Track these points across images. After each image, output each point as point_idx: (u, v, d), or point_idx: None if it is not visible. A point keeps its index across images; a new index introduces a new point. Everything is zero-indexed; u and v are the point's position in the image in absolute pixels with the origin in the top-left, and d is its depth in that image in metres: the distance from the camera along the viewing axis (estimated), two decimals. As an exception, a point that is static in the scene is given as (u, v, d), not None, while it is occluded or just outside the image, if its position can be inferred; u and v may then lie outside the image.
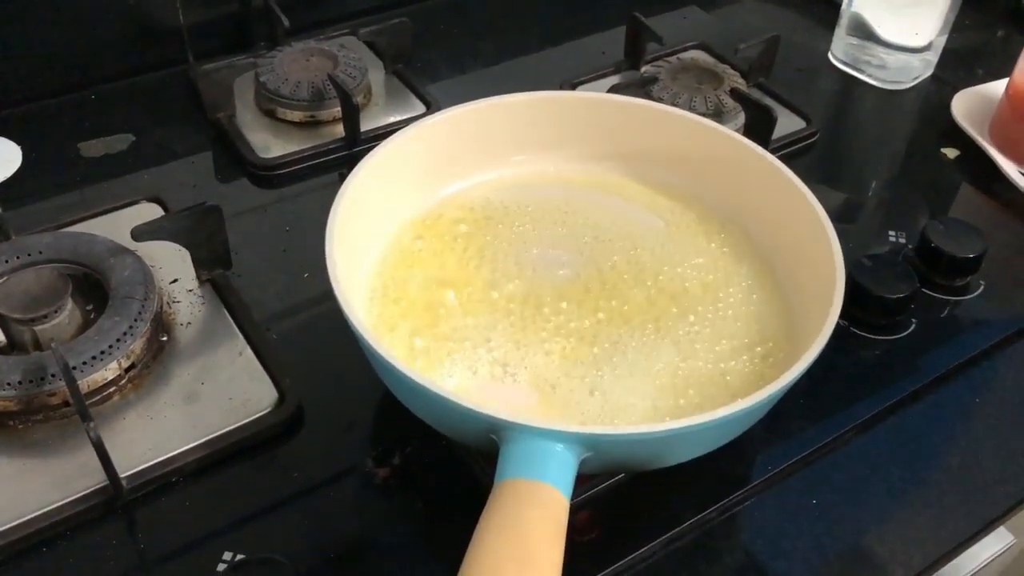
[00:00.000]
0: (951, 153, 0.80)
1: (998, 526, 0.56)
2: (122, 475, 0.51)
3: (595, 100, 0.65)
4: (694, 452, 0.48)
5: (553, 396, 0.52)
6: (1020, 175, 0.75)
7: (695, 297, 0.57)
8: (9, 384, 0.53)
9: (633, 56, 0.86)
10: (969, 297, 0.66)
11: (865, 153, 0.81)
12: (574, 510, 0.42)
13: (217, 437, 0.53)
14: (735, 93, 0.77)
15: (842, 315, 0.50)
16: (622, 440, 0.43)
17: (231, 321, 0.60)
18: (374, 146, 0.58)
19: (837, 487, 0.54)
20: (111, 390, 0.55)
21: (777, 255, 0.59)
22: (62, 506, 0.50)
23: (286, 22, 0.82)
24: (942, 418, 0.59)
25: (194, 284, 0.62)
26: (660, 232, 0.62)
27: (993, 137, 0.79)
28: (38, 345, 0.56)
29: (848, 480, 0.55)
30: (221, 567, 0.48)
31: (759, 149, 0.60)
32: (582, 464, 0.43)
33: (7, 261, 0.59)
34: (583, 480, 0.44)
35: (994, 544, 0.64)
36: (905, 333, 0.63)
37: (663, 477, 0.50)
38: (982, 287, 0.66)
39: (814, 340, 0.47)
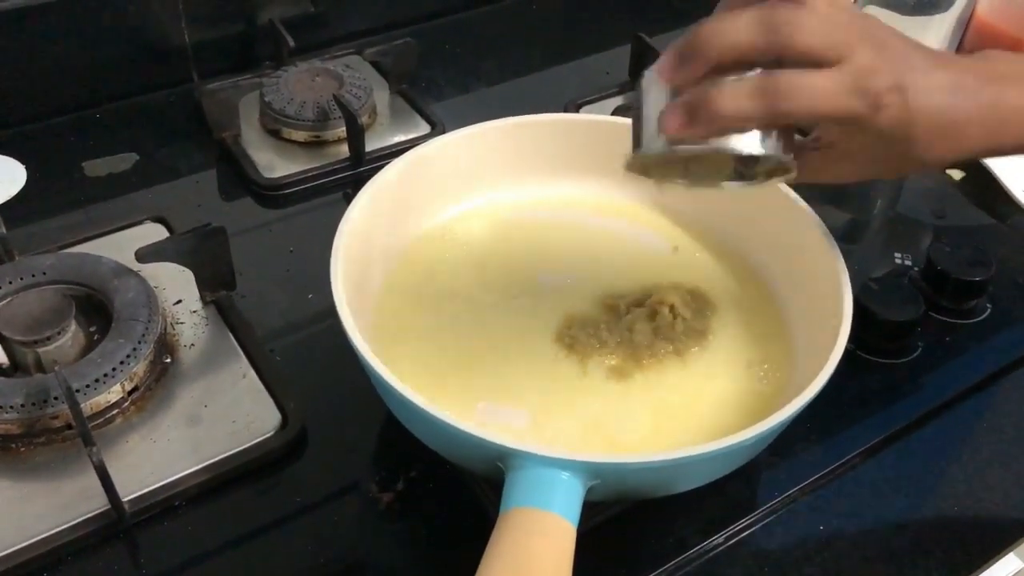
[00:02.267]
0: (956, 174, 0.80)
1: (1008, 552, 0.55)
2: (125, 499, 0.50)
3: (600, 123, 0.65)
4: (701, 480, 0.47)
5: (557, 421, 0.51)
6: (1026, 196, 0.75)
7: (699, 320, 0.57)
8: (12, 407, 0.52)
9: (638, 76, 0.85)
10: (976, 320, 0.66)
11: (870, 174, 0.81)
12: (580, 537, 0.42)
13: (220, 460, 0.53)
14: (740, 114, 0.77)
15: (848, 338, 0.49)
16: (629, 468, 0.43)
17: (235, 343, 0.60)
18: (379, 166, 0.59)
19: (844, 513, 0.54)
20: (114, 412, 0.55)
21: (782, 277, 0.59)
22: (64, 530, 0.50)
23: (291, 42, 0.82)
24: (949, 443, 0.59)
25: (198, 305, 0.62)
26: (665, 254, 0.61)
27: None
28: (41, 367, 0.55)
29: (855, 506, 0.54)
30: (224, 593, 0.48)
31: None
32: (589, 492, 0.43)
33: (11, 282, 0.59)
34: (588, 507, 0.44)
35: (1003, 570, 0.64)
36: (912, 357, 0.63)
37: (669, 503, 0.49)
38: (989, 310, 0.66)
39: (821, 366, 0.47)
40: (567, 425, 0.51)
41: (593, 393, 0.52)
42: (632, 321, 0.56)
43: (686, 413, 0.52)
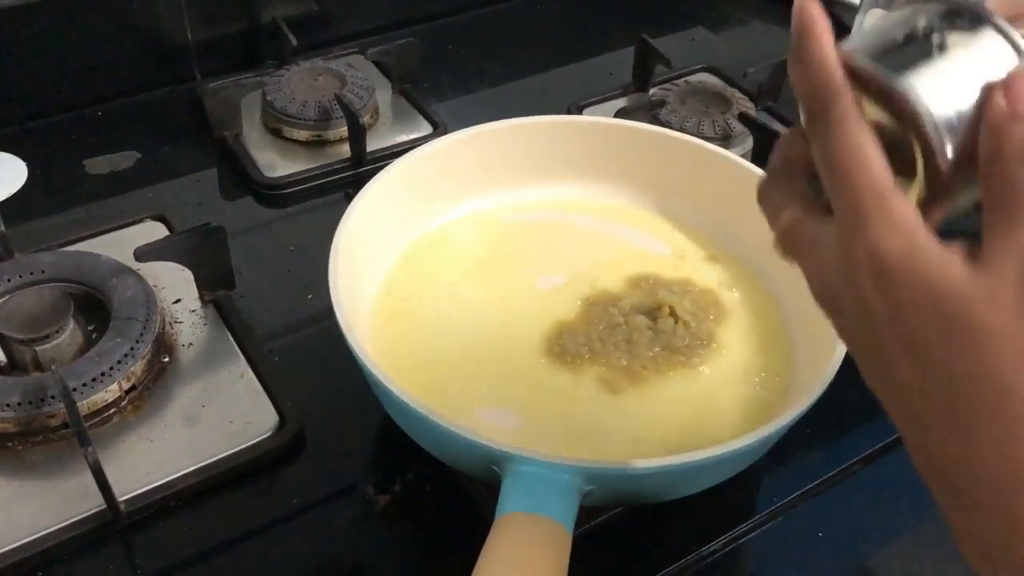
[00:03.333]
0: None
1: (1007, 561, 0.55)
2: (121, 499, 0.50)
3: (603, 125, 0.65)
4: (699, 486, 0.47)
5: (546, 429, 0.51)
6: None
7: (697, 324, 0.56)
8: (8, 405, 0.52)
9: (641, 78, 0.85)
10: (978, 327, 0.65)
11: (873, 178, 0.81)
12: (577, 542, 0.42)
13: (217, 461, 0.53)
14: (743, 117, 0.77)
15: (848, 344, 0.49)
16: (626, 474, 0.43)
17: (233, 342, 0.60)
18: (381, 166, 0.58)
19: (843, 519, 0.54)
20: (111, 412, 0.55)
21: (781, 282, 0.59)
22: (60, 530, 0.49)
23: (294, 41, 0.82)
24: (950, 450, 0.58)
25: (197, 304, 0.62)
26: (664, 258, 0.61)
27: None
28: (38, 365, 0.55)
29: (855, 512, 0.54)
30: (218, 594, 0.48)
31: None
32: (584, 497, 0.43)
33: (9, 280, 0.59)
34: (585, 512, 0.44)
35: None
36: (913, 363, 0.62)
37: (667, 508, 0.49)
38: (991, 317, 0.66)
39: (821, 372, 0.47)
40: (556, 433, 0.51)
41: (582, 404, 0.52)
42: (629, 331, 0.55)
43: (684, 419, 0.51)
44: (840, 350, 0.48)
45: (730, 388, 0.53)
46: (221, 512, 0.52)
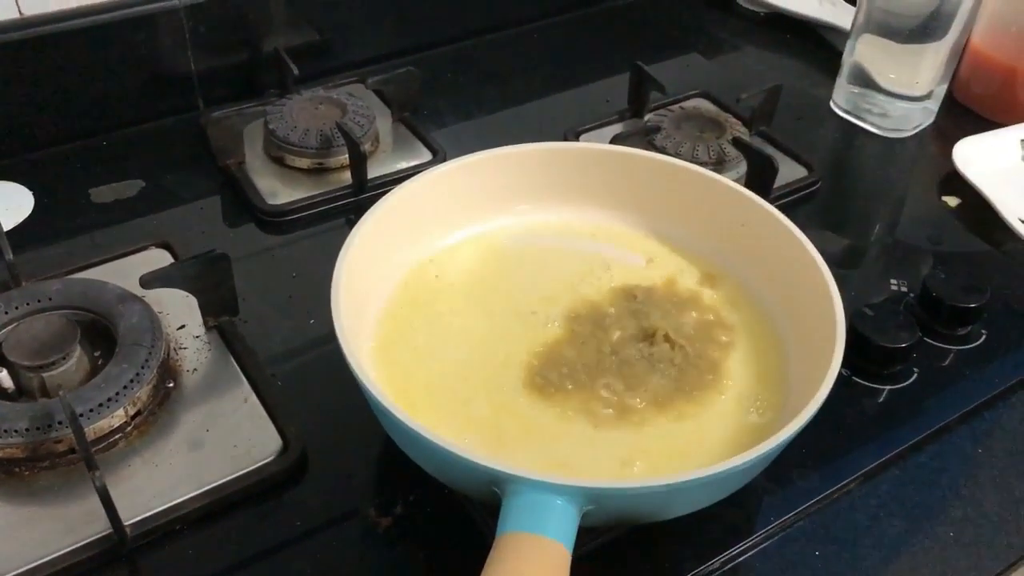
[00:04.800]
0: (952, 202, 0.80)
1: (1003, 578, 0.55)
2: (127, 523, 0.51)
3: (599, 151, 0.66)
4: (696, 505, 0.48)
5: (551, 446, 0.52)
6: (1021, 223, 0.76)
7: (692, 347, 0.57)
8: (16, 431, 0.53)
9: (636, 104, 0.87)
10: (971, 347, 0.66)
11: (866, 201, 0.82)
12: (576, 563, 0.42)
13: (221, 485, 0.54)
14: (737, 142, 0.78)
15: (843, 363, 0.50)
16: (625, 494, 0.44)
17: (237, 368, 0.61)
18: (381, 193, 0.59)
19: (840, 538, 0.54)
20: (117, 437, 0.56)
21: (776, 305, 0.60)
22: (66, 554, 0.50)
23: (295, 70, 0.83)
24: (945, 469, 0.59)
25: (201, 331, 0.63)
26: (659, 282, 0.62)
27: (959, 92, 0.92)
28: (45, 392, 0.56)
29: (851, 531, 0.55)
30: (223, 617, 0.49)
31: (760, 200, 0.60)
32: (584, 517, 0.43)
33: (17, 307, 0.60)
34: (583, 531, 0.44)
35: (999, 596, 0.64)
36: (907, 383, 0.63)
37: (665, 528, 0.50)
38: (984, 336, 0.67)
39: (814, 392, 0.48)
40: (562, 449, 0.51)
41: (583, 419, 0.53)
42: (624, 349, 0.56)
43: (678, 439, 0.52)
44: (834, 369, 0.49)
45: (726, 413, 0.54)
46: (225, 535, 0.53)
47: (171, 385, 0.59)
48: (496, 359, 0.56)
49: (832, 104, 0.92)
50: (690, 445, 0.52)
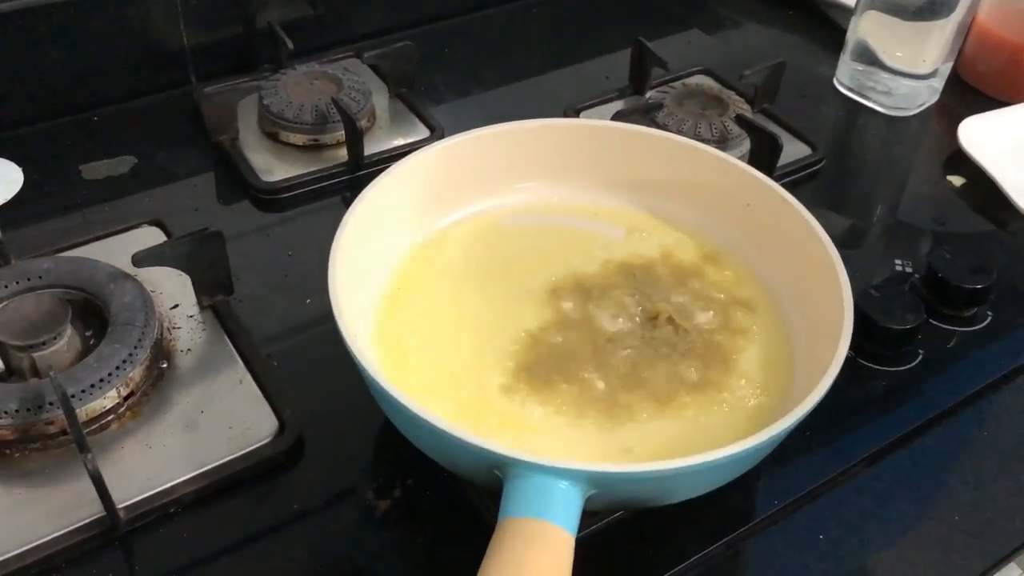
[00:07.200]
0: (957, 181, 0.79)
1: (1009, 562, 0.55)
2: (120, 506, 0.50)
3: (599, 128, 0.65)
4: (701, 490, 0.47)
5: (553, 428, 0.51)
6: (1027, 203, 0.75)
7: (695, 327, 0.56)
8: (6, 412, 0.52)
9: (637, 81, 0.86)
10: (977, 328, 0.65)
11: (870, 180, 0.81)
12: (578, 546, 0.41)
13: (216, 467, 0.53)
14: (740, 119, 0.77)
15: (848, 346, 0.49)
16: (629, 478, 0.43)
17: (232, 348, 0.60)
18: (378, 170, 0.58)
19: (844, 522, 0.54)
20: (110, 418, 0.55)
21: (781, 284, 0.59)
22: (58, 537, 0.49)
23: (290, 45, 0.82)
24: (950, 451, 0.58)
25: (195, 310, 0.62)
26: (662, 261, 0.61)
27: (964, 71, 0.91)
28: (36, 372, 0.55)
29: (855, 515, 0.54)
30: (219, 601, 0.48)
31: (769, 181, 0.59)
32: (587, 501, 0.43)
33: (6, 286, 0.59)
34: (586, 516, 0.43)
35: (1003, 580, 0.63)
36: (912, 364, 0.62)
37: (668, 512, 0.49)
38: (990, 318, 0.66)
39: (821, 376, 0.47)
40: (564, 433, 0.50)
41: (585, 402, 0.52)
42: (627, 329, 0.55)
43: (683, 423, 0.51)
44: (841, 352, 0.48)
45: (732, 398, 0.53)
46: (220, 518, 0.52)
47: (164, 366, 0.58)
48: (496, 342, 0.55)
49: (836, 82, 0.90)
50: (695, 429, 0.51)
